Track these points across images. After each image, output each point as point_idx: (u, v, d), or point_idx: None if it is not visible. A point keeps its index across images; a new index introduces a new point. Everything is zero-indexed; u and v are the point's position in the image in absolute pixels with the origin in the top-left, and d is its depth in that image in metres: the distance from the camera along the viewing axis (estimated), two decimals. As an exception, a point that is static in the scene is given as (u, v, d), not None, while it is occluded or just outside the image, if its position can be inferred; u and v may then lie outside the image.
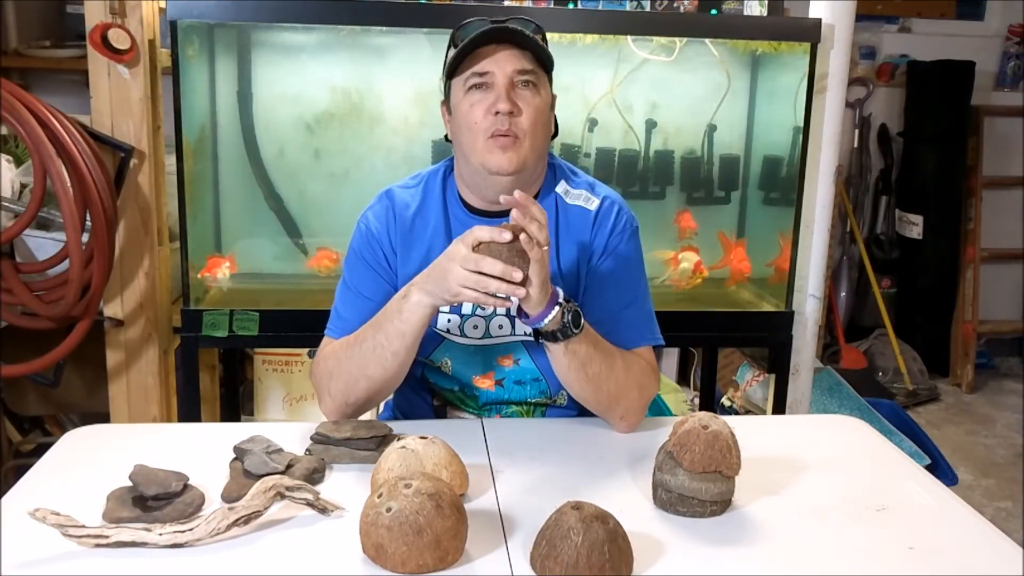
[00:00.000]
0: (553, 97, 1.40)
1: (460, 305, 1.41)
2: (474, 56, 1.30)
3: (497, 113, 1.29)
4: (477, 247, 1.16)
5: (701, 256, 2.31)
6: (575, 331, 1.24)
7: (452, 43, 1.35)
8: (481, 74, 1.30)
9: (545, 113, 1.35)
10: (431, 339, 1.42)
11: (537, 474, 1.21)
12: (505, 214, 1.40)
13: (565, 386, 1.36)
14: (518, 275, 1.15)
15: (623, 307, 1.39)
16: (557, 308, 1.22)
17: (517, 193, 1.16)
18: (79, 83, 2.59)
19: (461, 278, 1.16)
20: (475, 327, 1.41)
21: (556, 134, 1.44)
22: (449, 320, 1.41)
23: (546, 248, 1.18)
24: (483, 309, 1.41)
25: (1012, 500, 2.92)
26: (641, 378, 1.36)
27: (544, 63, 1.34)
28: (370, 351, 1.29)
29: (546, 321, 1.22)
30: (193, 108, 2.08)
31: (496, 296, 1.17)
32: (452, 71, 1.34)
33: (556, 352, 1.27)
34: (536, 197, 1.42)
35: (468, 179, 1.40)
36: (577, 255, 1.41)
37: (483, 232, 1.16)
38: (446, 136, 1.42)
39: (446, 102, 1.39)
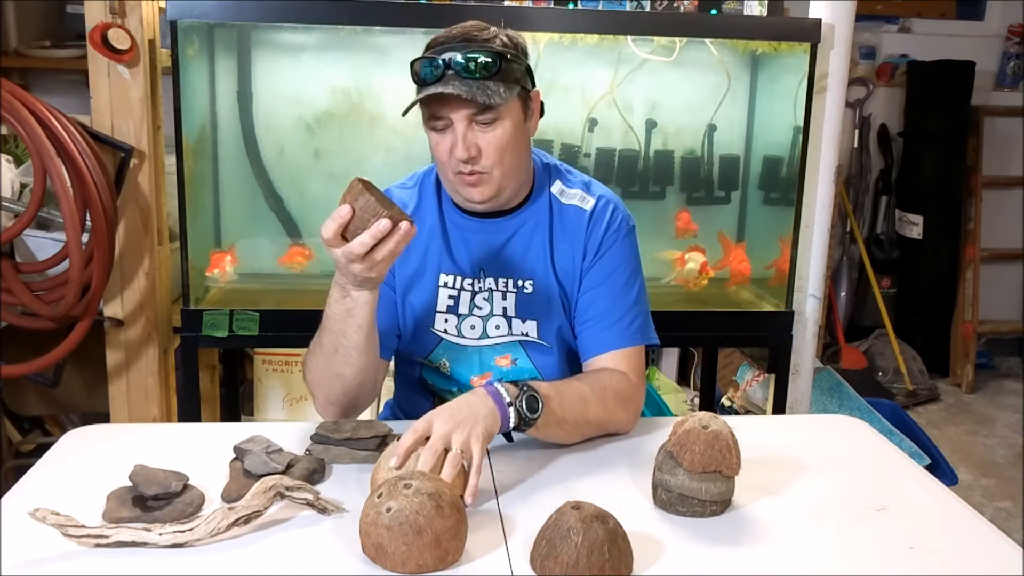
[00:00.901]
0: (535, 93, 1.37)
1: (457, 305, 1.41)
2: (427, 98, 1.28)
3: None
4: (343, 234, 1.13)
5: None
6: (533, 416, 1.19)
7: (412, 73, 1.31)
8: (438, 118, 1.30)
9: (511, 139, 1.31)
10: (429, 339, 1.43)
11: (537, 474, 1.21)
12: (497, 215, 1.40)
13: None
14: (385, 223, 1.11)
15: (619, 305, 1.39)
16: (512, 410, 1.17)
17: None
18: (79, 83, 2.59)
19: (359, 271, 1.15)
20: (472, 327, 1.41)
21: (541, 115, 1.41)
22: (447, 321, 1.42)
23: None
24: (479, 309, 1.41)
25: (1012, 500, 2.92)
26: (623, 396, 1.33)
27: (498, 96, 1.27)
28: (333, 353, 1.28)
29: (510, 426, 1.19)
30: (193, 108, 2.08)
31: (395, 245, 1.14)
32: (412, 104, 1.32)
33: (529, 432, 1.24)
34: (527, 199, 1.42)
35: (449, 191, 1.40)
36: (572, 254, 1.41)
37: (325, 231, 1.14)
38: None
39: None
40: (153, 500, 1.06)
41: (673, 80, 2.30)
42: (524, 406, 1.18)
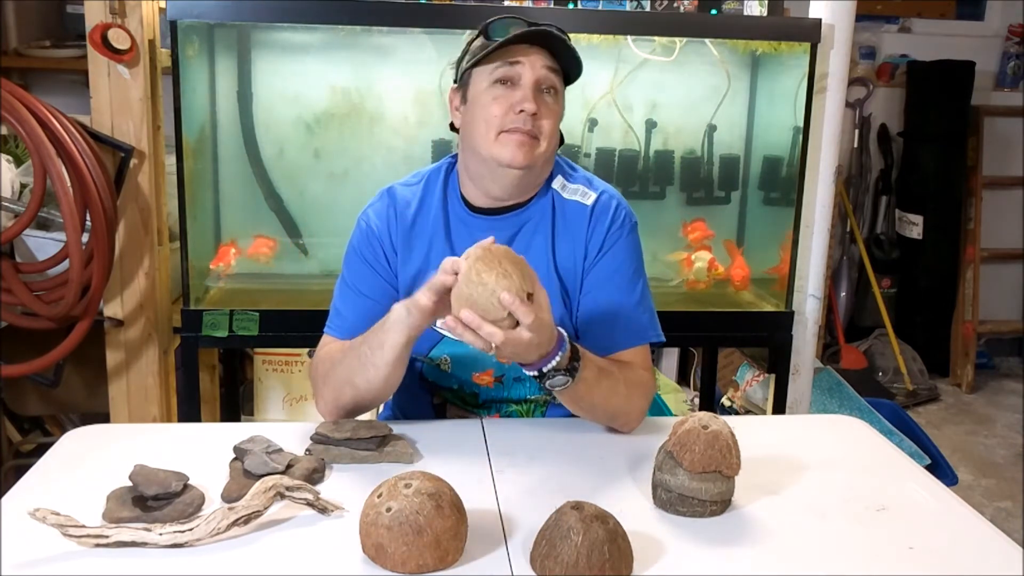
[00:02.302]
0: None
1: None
2: (507, 50, 1.31)
3: (521, 112, 1.30)
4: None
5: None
6: (557, 388, 1.22)
7: (483, 34, 1.35)
8: (512, 63, 1.31)
9: (560, 118, 1.37)
10: (429, 336, 1.42)
11: (537, 474, 1.21)
12: (504, 211, 1.40)
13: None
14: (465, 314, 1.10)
15: (623, 304, 1.38)
16: (536, 374, 1.20)
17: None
18: (79, 83, 2.59)
19: (435, 278, 1.16)
20: (474, 325, 1.41)
21: (562, 143, 1.45)
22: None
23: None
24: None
25: (1012, 500, 2.92)
26: (642, 388, 1.35)
27: (567, 74, 1.36)
28: (356, 360, 1.28)
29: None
30: (193, 108, 2.08)
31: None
32: (479, 60, 1.33)
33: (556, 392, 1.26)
34: (534, 195, 1.42)
35: (473, 171, 1.38)
36: (574, 252, 1.40)
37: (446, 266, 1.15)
38: (451, 124, 1.42)
39: (459, 89, 1.38)
40: (153, 500, 1.06)
41: (673, 80, 2.30)
42: (553, 381, 1.20)
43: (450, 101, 1.41)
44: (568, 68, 1.36)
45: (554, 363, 1.19)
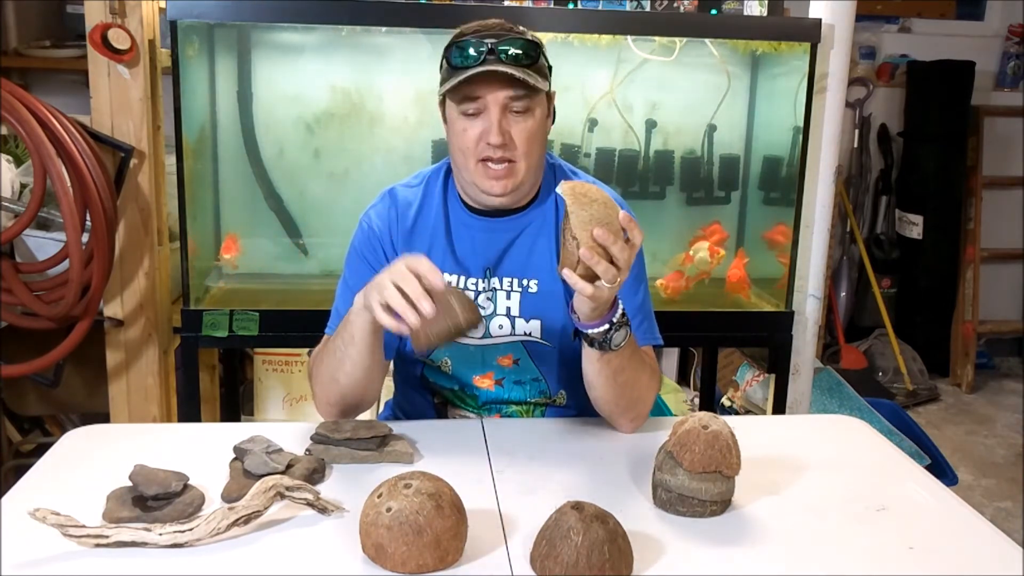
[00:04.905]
0: (552, 94, 1.39)
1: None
2: (467, 79, 1.29)
3: (490, 143, 1.29)
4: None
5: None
6: (611, 349, 1.23)
7: (445, 59, 1.33)
8: (473, 99, 1.30)
9: (539, 131, 1.34)
10: (432, 339, 1.43)
11: (537, 474, 1.21)
12: (502, 214, 1.40)
13: (588, 385, 1.33)
14: (426, 305, 1.12)
15: (625, 307, 1.38)
16: (608, 326, 1.20)
17: (622, 215, 1.12)
18: (79, 83, 2.59)
19: (379, 285, 1.15)
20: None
21: (552, 121, 1.43)
22: (450, 320, 1.42)
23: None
24: (483, 308, 1.41)
25: (1012, 500, 2.92)
26: (655, 376, 1.38)
27: (538, 83, 1.32)
28: (333, 355, 1.30)
29: (592, 332, 1.21)
30: (193, 108, 2.08)
31: (392, 317, 1.14)
32: (443, 91, 1.33)
33: (591, 355, 1.26)
34: (535, 199, 1.42)
35: (464, 186, 1.40)
36: None
37: (423, 265, 1.15)
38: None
39: (441, 107, 1.39)
40: (153, 500, 1.06)
41: (673, 80, 2.30)
42: (613, 336, 1.21)
43: (441, 113, 1.42)
44: (540, 73, 1.32)
45: (620, 311, 1.20)
